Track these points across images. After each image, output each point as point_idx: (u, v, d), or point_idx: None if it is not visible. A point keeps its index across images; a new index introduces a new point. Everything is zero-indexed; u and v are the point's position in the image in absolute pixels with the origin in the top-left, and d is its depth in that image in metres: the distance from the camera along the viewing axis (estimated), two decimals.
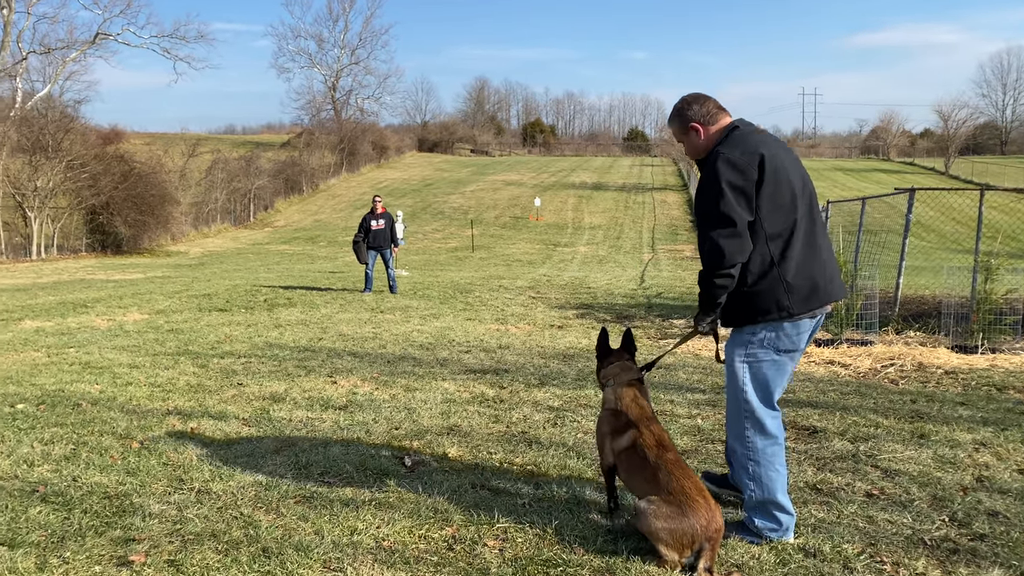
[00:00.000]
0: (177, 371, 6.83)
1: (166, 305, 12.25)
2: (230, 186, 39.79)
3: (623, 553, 2.95)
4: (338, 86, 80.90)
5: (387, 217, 13.97)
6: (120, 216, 26.28)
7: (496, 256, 28.71)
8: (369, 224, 13.77)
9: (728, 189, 2.86)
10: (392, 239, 14.10)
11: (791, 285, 2.94)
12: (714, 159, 2.94)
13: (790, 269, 2.94)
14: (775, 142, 3.05)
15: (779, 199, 2.92)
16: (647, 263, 26.35)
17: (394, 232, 14.22)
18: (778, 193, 2.92)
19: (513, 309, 11.65)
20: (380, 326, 9.75)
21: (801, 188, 3.01)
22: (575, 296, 13.77)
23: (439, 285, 15.42)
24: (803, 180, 3.04)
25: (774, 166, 2.91)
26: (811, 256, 2.99)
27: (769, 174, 2.90)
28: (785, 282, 2.94)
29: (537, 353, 7.63)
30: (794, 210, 2.96)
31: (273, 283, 15.96)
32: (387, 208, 14.30)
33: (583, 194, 51.70)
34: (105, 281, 17.94)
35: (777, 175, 2.92)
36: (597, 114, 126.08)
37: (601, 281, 17.46)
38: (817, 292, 3.01)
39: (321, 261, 26.19)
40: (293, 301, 12.54)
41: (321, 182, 54.95)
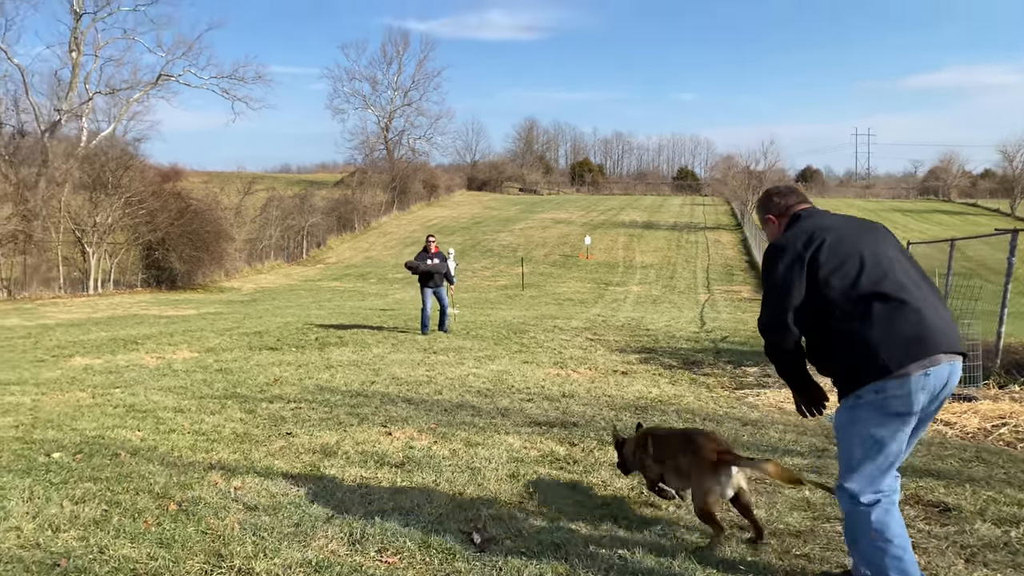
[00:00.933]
0: (223, 416, 6.43)
1: (216, 343, 12.00)
2: (284, 223, 40.21)
3: None
4: (391, 126, 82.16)
5: (441, 256, 13.64)
6: (175, 252, 26.54)
7: (547, 295, 28.20)
8: (424, 263, 13.42)
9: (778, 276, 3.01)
10: (447, 278, 13.75)
11: (881, 343, 2.84)
12: (768, 248, 3.14)
13: (875, 330, 2.87)
14: (839, 219, 3.16)
15: (844, 270, 2.95)
16: (704, 304, 25.54)
17: (449, 271, 13.87)
18: (840, 266, 2.96)
19: (571, 352, 11.09)
20: (434, 368, 9.28)
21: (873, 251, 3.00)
22: (635, 339, 13.14)
23: (492, 324, 14.94)
24: (877, 242, 3.06)
25: (831, 242, 2.98)
26: (899, 311, 2.89)
27: (826, 251, 2.97)
28: (874, 342, 2.85)
29: (605, 403, 7.05)
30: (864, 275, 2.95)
31: (324, 321, 15.68)
32: (439, 246, 13.95)
33: (633, 232, 51.06)
34: (158, 317, 17.92)
35: (836, 250, 2.98)
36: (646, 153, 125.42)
37: (659, 323, 16.79)
38: (920, 344, 2.84)
39: (372, 298, 26.00)
40: (344, 340, 12.19)
41: (373, 219, 55.40)
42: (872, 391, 2.86)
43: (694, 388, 8.20)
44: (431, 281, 13.44)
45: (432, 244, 13.62)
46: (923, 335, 2.85)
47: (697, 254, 43.08)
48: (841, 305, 2.92)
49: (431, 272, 13.41)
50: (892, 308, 2.88)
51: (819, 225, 3.08)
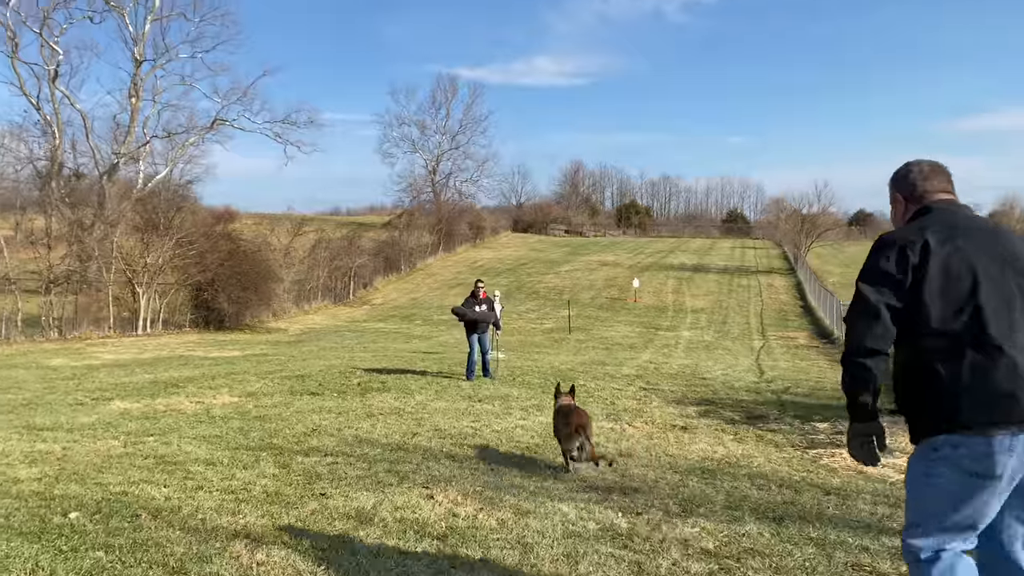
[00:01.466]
0: (256, 471, 6.01)
1: (257, 387, 11.69)
2: (332, 264, 40.47)
3: None
4: (438, 170, 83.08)
5: (489, 303, 13.25)
6: (224, 293, 26.69)
7: (594, 339, 27.53)
8: (471, 310, 13.02)
9: (874, 270, 2.66)
10: (495, 324, 13.33)
11: (968, 393, 2.50)
12: (876, 241, 2.74)
13: (965, 372, 2.51)
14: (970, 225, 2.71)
15: (949, 291, 2.57)
16: (759, 351, 24.60)
17: (497, 319, 13.46)
18: (948, 283, 2.57)
19: (624, 403, 10.47)
20: (479, 419, 8.77)
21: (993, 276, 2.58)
22: (691, 389, 12.46)
23: (538, 371, 14.40)
24: (1002, 265, 2.61)
25: (945, 252, 2.59)
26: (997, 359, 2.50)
27: (935, 262, 2.57)
28: (960, 389, 2.50)
29: (667, 465, 6.44)
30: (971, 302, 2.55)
31: (368, 364, 15.34)
32: (486, 290, 13.54)
33: (683, 276, 50.16)
34: (202, 358, 17.81)
35: (947, 263, 2.58)
36: (693, 196, 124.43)
37: (715, 371, 16.03)
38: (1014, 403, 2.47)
39: (416, 340, 25.69)
40: (387, 385, 11.77)
41: (419, 261, 55.59)
42: (949, 445, 2.54)
43: (762, 447, 7.53)
44: (478, 328, 13.02)
45: (481, 289, 13.22)
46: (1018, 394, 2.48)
47: (750, 298, 42.00)
48: (934, 334, 2.56)
49: (477, 320, 13.01)
50: (990, 354, 2.52)
51: (945, 227, 2.66)
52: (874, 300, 2.61)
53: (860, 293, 2.67)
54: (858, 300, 2.67)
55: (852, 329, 2.66)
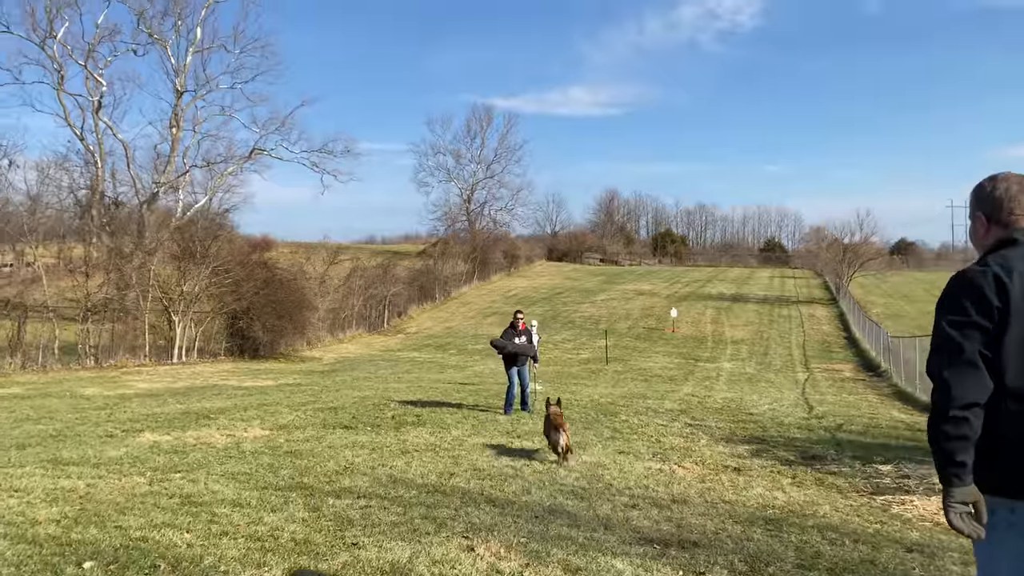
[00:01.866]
0: (284, 515, 5.64)
1: (290, 419, 11.39)
2: (367, 293, 40.44)
3: None
4: (473, 198, 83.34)
5: (528, 334, 12.87)
6: (259, 321, 26.65)
7: (632, 370, 26.91)
8: (511, 342, 12.63)
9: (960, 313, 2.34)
10: (533, 357, 12.92)
11: None
12: (954, 277, 2.43)
13: None
14: None
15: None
16: (804, 384, 23.78)
17: (535, 351, 13.05)
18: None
19: (671, 440, 9.95)
20: (519, 457, 8.33)
21: None
22: (739, 425, 11.87)
23: (578, 404, 13.90)
24: None
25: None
26: None
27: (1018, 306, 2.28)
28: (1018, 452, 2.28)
29: (726, 513, 5.93)
30: None
31: (402, 395, 14.99)
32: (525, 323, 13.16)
33: (721, 306, 49.26)
34: (236, 388, 17.62)
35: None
36: (730, 225, 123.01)
37: (761, 405, 15.39)
38: None
39: (451, 370, 25.33)
40: (422, 419, 11.39)
41: (453, 290, 55.46)
42: (1008, 508, 2.32)
43: (825, 493, 6.97)
44: (518, 360, 12.63)
45: (520, 321, 12.83)
46: None
47: (791, 329, 41.00)
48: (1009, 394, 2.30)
49: (517, 353, 12.63)
50: None
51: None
52: (968, 347, 2.30)
53: (950, 338, 2.34)
54: (948, 347, 2.34)
55: (945, 381, 2.31)
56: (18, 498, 6.18)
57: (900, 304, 50.10)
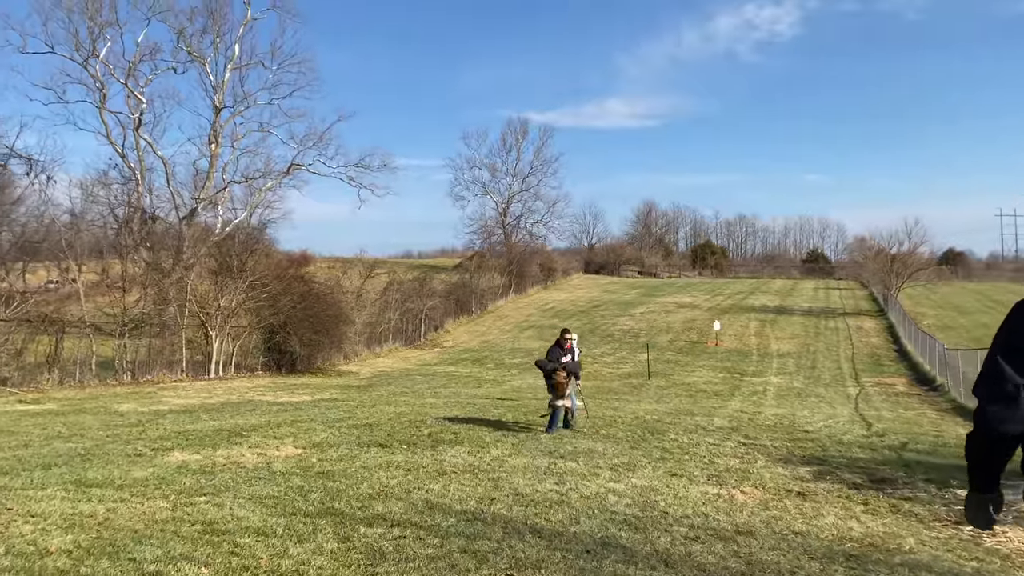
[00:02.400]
0: (312, 545, 5.18)
1: (323, 437, 10.98)
2: (403, 307, 40.23)
3: None
4: (508, 211, 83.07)
5: (574, 352, 12.36)
6: (296, 335, 26.47)
7: (675, 384, 26.15)
8: (559, 359, 12.13)
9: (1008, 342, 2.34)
10: (575, 375, 12.41)
11: None
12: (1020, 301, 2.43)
13: None
14: None
15: None
16: (856, 399, 22.81)
17: (577, 370, 12.52)
18: None
19: (726, 461, 9.30)
20: (564, 480, 7.78)
21: None
22: (796, 444, 11.15)
23: (623, 421, 13.29)
24: None
25: None
26: None
27: None
28: None
29: (799, 547, 5.31)
30: None
31: (439, 411, 14.52)
32: None
33: (765, 318, 48.09)
34: (271, 404, 17.33)
35: None
36: (771, 236, 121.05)
37: (816, 422, 14.60)
38: None
39: (488, 385, 24.85)
40: (460, 437, 10.89)
41: (490, 303, 55.07)
42: None
43: (904, 522, 6.30)
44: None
45: (568, 340, 12.33)
46: None
47: (839, 341, 39.76)
48: None
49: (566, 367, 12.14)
50: None
51: None
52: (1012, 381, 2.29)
53: (997, 368, 2.34)
54: (993, 376, 2.34)
55: (984, 410, 2.36)
56: (33, 524, 5.82)
57: (952, 315, 48.39)
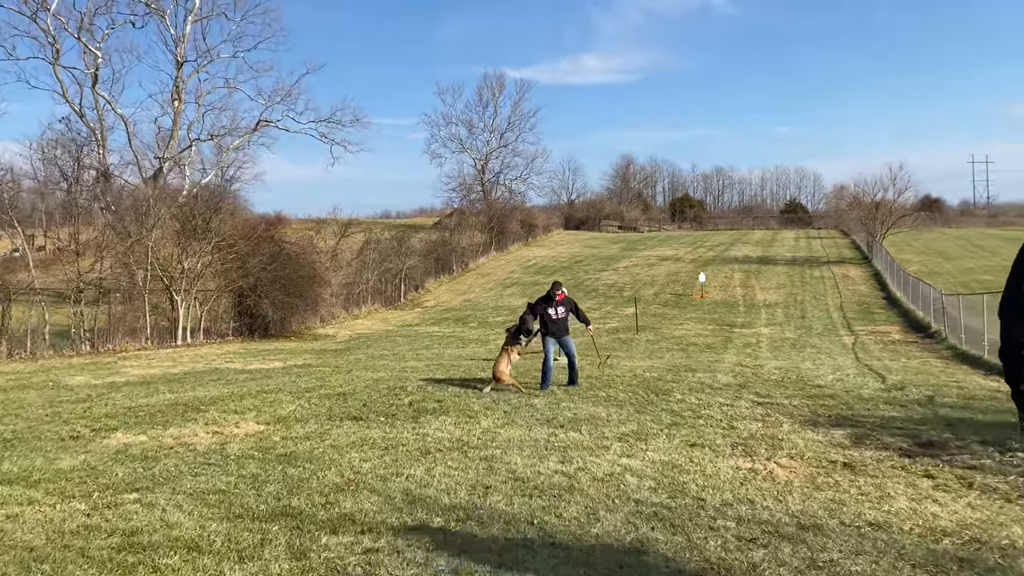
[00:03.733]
0: (256, 565, 3.97)
1: (291, 410, 9.75)
2: (381, 266, 38.76)
3: None
4: (487, 168, 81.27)
5: (567, 303, 11.26)
6: (268, 298, 25.03)
7: (665, 339, 25.13)
8: (546, 313, 11.06)
9: None
10: (584, 320, 11.49)
11: None
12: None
13: None
14: None
15: None
16: (854, 348, 21.93)
17: (580, 313, 11.54)
18: None
19: (746, 425, 8.20)
20: (569, 457, 6.62)
21: None
22: (814, 400, 10.09)
23: (621, 380, 12.17)
24: None
25: None
26: None
27: None
28: None
29: (890, 548, 4.16)
30: None
31: (421, 374, 13.34)
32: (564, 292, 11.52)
33: (750, 268, 47.23)
34: (239, 372, 16.05)
35: None
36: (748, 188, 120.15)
37: (823, 375, 13.59)
38: None
39: (473, 344, 23.68)
40: (444, 405, 9.71)
41: (471, 261, 53.70)
42: None
43: (989, 501, 5.20)
44: (557, 329, 11.13)
45: (560, 292, 11.26)
46: None
47: (826, 290, 38.97)
48: None
49: (557, 322, 11.10)
50: None
51: None
52: None
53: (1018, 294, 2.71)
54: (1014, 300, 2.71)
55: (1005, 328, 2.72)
56: None
57: (937, 261, 47.80)
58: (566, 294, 11.35)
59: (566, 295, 11.32)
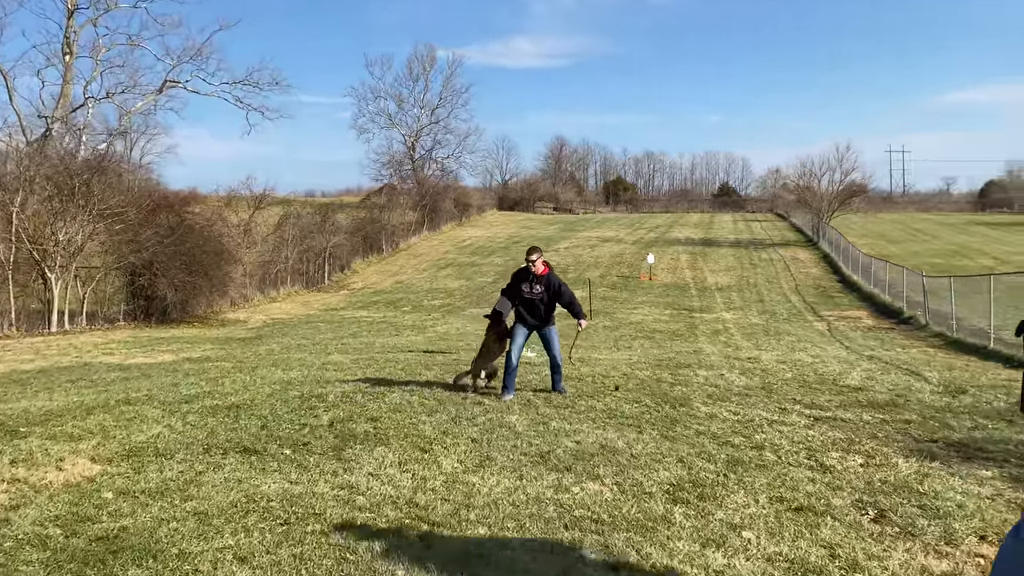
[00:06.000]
0: None
1: (154, 434, 6.60)
2: (303, 244, 35.01)
3: None
4: (418, 145, 77.49)
5: (549, 282, 8.23)
6: (166, 277, 21.29)
7: (624, 324, 22.55)
8: (520, 290, 8.13)
9: None
10: (576, 312, 8.35)
11: None
12: None
13: None
14: None
15: None
16: (833, 335, 19.82)
17: (570, 300, 8.42)
18: None
19: (843, 462, 5.50)
20: (612, 548, 3.74)
21: None
22: (881, 412, 7.51)
23: (614, 383, 9.37)
24: None
25: None
26: None
27: None
28: None
29: None
30: None
31: (347, 373, 10.26)
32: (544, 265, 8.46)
33: (695, 250, 45.39)
34: (112, 368, 12.61)
35: None
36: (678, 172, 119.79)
37: (844, 372, 11.12)
38: None
39: (408, 332, 20.57)
40: (382, 427, 6.71)
41: (402, 241, 50.21)
42: None
43: None
44: (532, 315, 8.19)
45: (538, 262, 8.25)
46: None
47: (777, 273, 37.28)
48: None
49: (528, 302, 8.15)
50: None
51: None
52: None
53: None
54: None
55: None
56: None
57: (882, 244, 46.88)
58: (549, 267, 8.41)
59: (550, 269, 8.38)
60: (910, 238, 50.80)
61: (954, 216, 72.23)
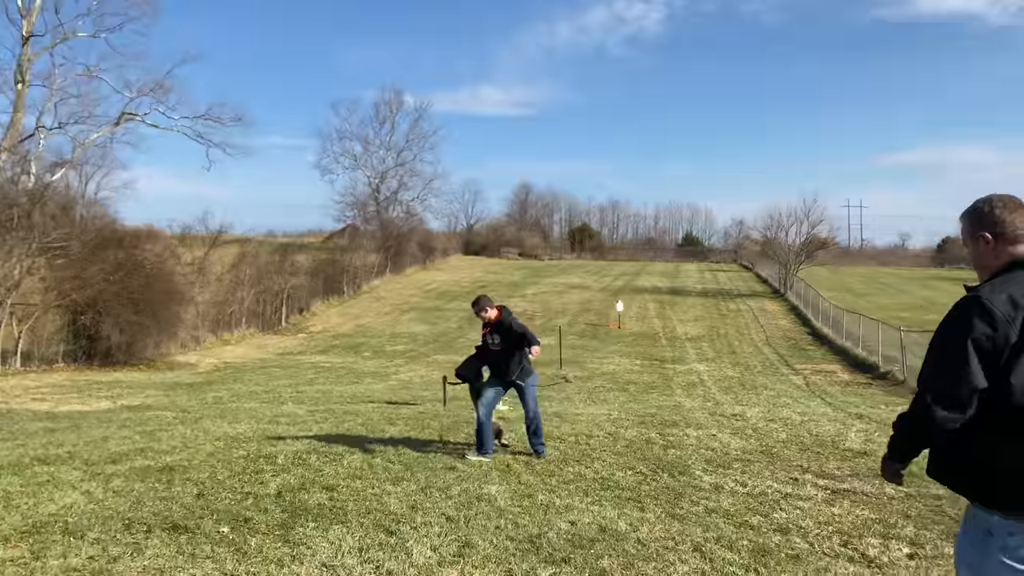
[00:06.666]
0: None
1: (66, 504, 5.56)
2: (260, 284, 33.74)
3: None
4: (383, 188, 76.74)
5: (505, 329, 7.34)
6: (111, 317, 20.00)
7: (597, 375, 21.72)
8: (484, 343, 7.31)
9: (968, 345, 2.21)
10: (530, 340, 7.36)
11: None
12: (967, 299, 2.29)
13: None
14: None
15: None
16: (812, 390, 19.22)
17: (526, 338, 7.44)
18: None
19: (886, 553, 4.67)
20: None
21: None
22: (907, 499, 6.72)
23: (600, 444, 8.48)
24: None
25: None
26: None
27: None
28: None
29: None
30: None
31: (300, 429, 9.22)
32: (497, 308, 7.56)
33: (663, 299, 45.09)
34: (41, 416, 11.38)
35: None
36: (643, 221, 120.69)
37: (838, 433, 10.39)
38: None
39: (369, 379, 19.47)
40: (337, 495, 5.74)
41: (364, 283, 49.08)
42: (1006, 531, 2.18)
43: None
44: (498, 367, 7.35)
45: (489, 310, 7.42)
46: None
47: (747, 324, 36.97)
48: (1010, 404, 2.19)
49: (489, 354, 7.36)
50: None
51: None
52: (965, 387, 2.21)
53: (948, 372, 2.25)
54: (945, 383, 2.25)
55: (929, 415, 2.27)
56: None
57: (848, 297, 47.03)
58: (502, 312, 7.53)
59: (503, 314, 7.50)
60: (876, 291, 51.19)
61: (918, 271, 73.50)
